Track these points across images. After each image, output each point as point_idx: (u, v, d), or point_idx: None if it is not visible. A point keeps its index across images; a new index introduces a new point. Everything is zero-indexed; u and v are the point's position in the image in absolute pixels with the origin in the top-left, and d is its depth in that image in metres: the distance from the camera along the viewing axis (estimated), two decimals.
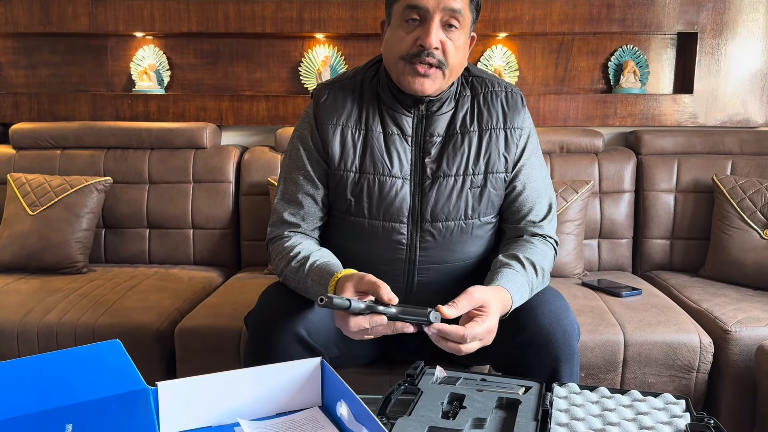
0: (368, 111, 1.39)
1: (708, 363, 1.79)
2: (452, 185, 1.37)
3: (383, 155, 1.37)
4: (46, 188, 2.35)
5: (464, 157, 1.37)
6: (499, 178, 1.40)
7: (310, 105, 1.44)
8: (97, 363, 0.91)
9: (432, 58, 1.28)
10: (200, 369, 1.75)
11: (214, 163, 2.50)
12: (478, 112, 1.39)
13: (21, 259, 2.27)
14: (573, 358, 1.31)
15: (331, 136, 1.38)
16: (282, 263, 1.37)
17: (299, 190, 1.41)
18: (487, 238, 1.45)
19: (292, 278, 1.34)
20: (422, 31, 1.27)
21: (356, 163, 1.38)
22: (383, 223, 1.38)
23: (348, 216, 1.40)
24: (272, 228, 1.44)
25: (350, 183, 1.38)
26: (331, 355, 1.38)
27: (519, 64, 2.62)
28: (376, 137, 1.37)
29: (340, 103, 1.39)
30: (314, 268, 1.29)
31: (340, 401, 0.95)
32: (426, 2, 1.26)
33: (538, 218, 1.43)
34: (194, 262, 2.50)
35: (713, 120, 2.55)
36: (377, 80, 1.41)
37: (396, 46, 1.30)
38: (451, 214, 1.38)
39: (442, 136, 1.38)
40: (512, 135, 1.40)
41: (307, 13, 2.52)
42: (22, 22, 2.60)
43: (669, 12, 2.48)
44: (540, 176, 1.45)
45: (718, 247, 2.25)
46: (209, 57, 2.69)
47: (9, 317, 1.89)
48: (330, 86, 1.42)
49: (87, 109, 2.64)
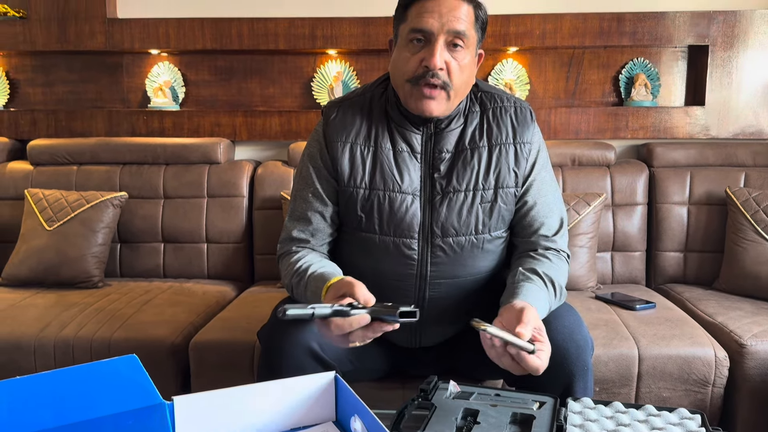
0: (377, 128, 1.40)
1: (723, 377, 1.77)
2: (462, 200, 1.38)
3: (393, 171, 1.38)
4: (62, 203, 2.38)
5: (474, 172, 1.38)
6: (509, 192, 1.40)
7: (320, 123, 1.45)
8: (114, 378, 0.92)
9: (437, 78, 1.28)
10: (214, 383, 1.76)
11: (228, 178, 2.52)
12: (488, 128, 1.40)
13: (38, 273, 2.30)
14: (587, 373, 1.30)
15: (340, 154, 1.39)
16: (288, 277, 1.39)
17: (308, 207, 1.43)
18: (498, 253, 1.45)
19: (296, 291, 1.36)
20: (427, 52, 1.28)
21: (366, 179, 1.39)
22: (394, 238, 1.39)
23: (359, 232, 1.41)
24: (281, 244, 1.46)
25: (360, 199, 1.39)
26: (344, 369, 1.39)
27: (530, 77, 2.63)
28: (386, 154, 1.39)
29: (349, 121, 1.41)
30: (312, 277, 1.30)
31: (354, 416, 0.95)
32: (430, 25, 1.27)
33: (551, 232, 1.44)
34: (208, 276, 2.52)
35: (725, 132, 2.54)
36: (386, 97, 1.43)
37: (402, 67, 1.32)
38: (461, 229, 1.39)
39: (452, 152, 1.39)
40: (522, 150, 1.40)
41: (320, 29, 2.55)
42: (40, 41, 2.65)
43: (679, 25, 2.49)
44: (550, 191, 1.45)
45: (732, 259, 2.24)
46: (223, 73, 2.72)
47: (27, 331, 1.91)
48: (339, 104, 1.44)
49: (103, 126, 2.68)
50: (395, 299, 1.27)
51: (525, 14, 2.51)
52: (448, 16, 1.26)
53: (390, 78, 1.41)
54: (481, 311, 1.47)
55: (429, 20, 1.27)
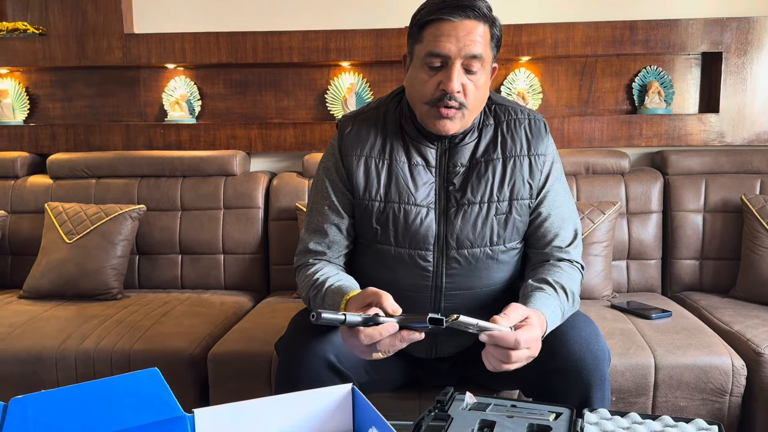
0: (392, 142, 1.42)
1: (741, 386, 1.76)
2: (477, 212, 1.39)
3: (408, 184, 1.39)
4: (82, 217, 2.42)
5: (489, 184, 1.39)
6: (523, 204, 1.41)
7: (335, 137, 1.47)
8: (136, 391, 0.94)
9: (454, 101, 1.30)
10: (232, 393, 1.79)
11: (244, 190, 2.55)
12: (502, 140, 1.41)
13: (59, 286, 2.33)
14: (604, 383, 1.31)
15: (355, 167, 1.41)
16: (305, 290, 1.41)
17: (325, 220, 1.45)
18: (513, 264, 1.46)
19: (314, 303, 1.37)
20: (444, 76, 1.30)
21: (381, 192, 1.40)
22: (409, 250, 1.40)
23: (374, 244, 1.43)
24: (298, 256, 1.48)
25: (375, 212, 1.41)
26: (361, 381, 1.40)
27: (542, 86, 2.64)
28: (401, 167, 1.40)
29: (364, 135, 1.42)
30: (330, 291, 1.32)
31: (372, 428, 0.97)
32: (447, 50, 1.28)
33: (565, 243, 1.44)
34: (225, 286, 2.55)
35: (740, 139, 2.53)
36: (400, 111, 1.44)
37: (420, 89, 1.33)
38: (476, 241, 1.40)
39: (466, 165, 1.40)
40: (536, 162, 1.41)
41: (333, 42, 2.58)
42: (59, 57, 2.70)
43: (693, 32, 2.49)
44: (564, 202, 1.46)
45: (748, 267, 2.23)
46: (238, 87, 2.75)
47: (48, 344, 1.94)
48: (354, 118, 1.46)
49: (121, 139, 2.72)
50: (411, 310, 1.28)
51: (537, 23, 2.52)
52: (465, 40, 1.27)
53: (405, 93, 1.42)
54: None
55: (446, 45, 1.28)
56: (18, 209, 2.62)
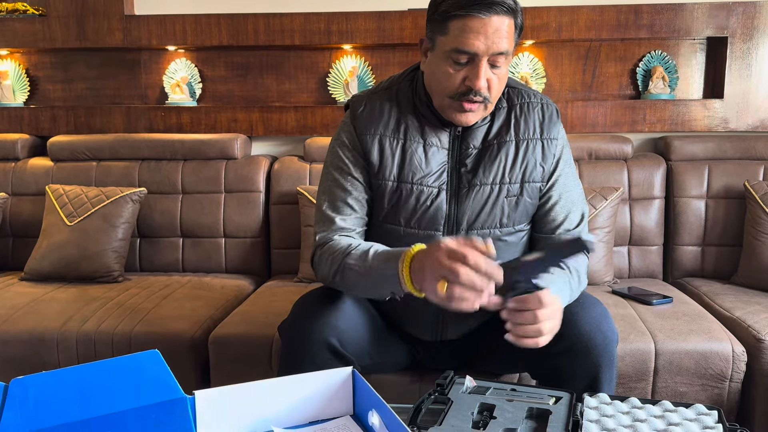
0: (406, 121, 1.41)
1: (741, 372, 1.77)
2: (488, 194, 1.39)
3: (421, 165, 1.39)
4: (83, 199, 2.41)
5: (501, 166, 1.39)
6: (535, 187, 1.42)
7: (347, 116, 1.45)
8: (137, 372, 0.94)
9: (479, 96, 1.30)
10: (233, 376, 1.80)
11: (245, 173, 2.55)
12: (515, 123, 1.41)
13: (59, 268, 2.33)
14: (612, 364, 1.32)
15: (370, 146, 1.40)
16: (338, 259, 1.33)
17: (348, 195, 1.42)
18: (520, 246, 1.47)
19: (353, 265, 1.30)
20: (470, 73, 1.28)
21: (394, 172, 1.40)
22: (419, 231, 1.40)
23: (384, 224, 1.43)
24: (323, 233, 1.42)
25: (388, 192, 1.40)
26: (363, 364, 1.40)
27: (546, 71, 2.62)
28: (414, 147, 1.39)
29: (377, 114, 1.41)
30: (378, 253, 1.27)
31: (372, 410, 0.97)
32: (476, 48, 1.26)
33: (572, 226, 1.45)
34: (226, 270, 2.55)
35: (744, 125, 2.52)
36: (413, 91, 1.43)
37: (444, 82, 1.32)
38: (486, 222, 1.40)
39: (479, 147, 1.40)
40: (549, 146, 1.42)
41: (335, 24, 2.56)
42: (59, 38, 2.68)
43: (698, 17, 2.46)
44: (573, 186, 1.47)
45: (750, 253, 2.22)
46: (239, 69, 2.74)
47: (49, 326, 1.94)
48: (366, 97, 1.44)
49: (122, 122, 2.71)
50: None
51: (541, 7, 2.50)
52: (493, 38, 1.26)
53: (423, 78, 1.40)
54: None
55: (474, 43, 1.25)
56: (19, 191, 2.62)
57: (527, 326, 1.14)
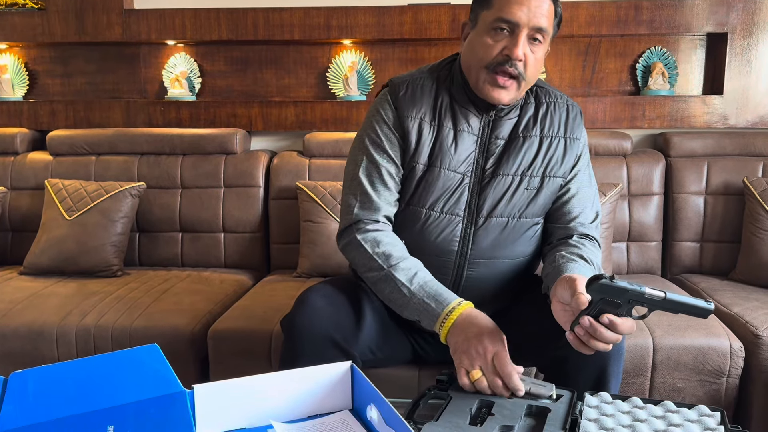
0: (442, 108, 1.44)
1: (739, 368, 1.77)
2: (509, 184, 1.43)
3: (450, 151, 1.41)
4: (82, 194, 2.41)
5: (524, 159, 1.43)
6: (555, 182, 1.45)
7: (385, 98, 1.46)
8: (136, 366, 0.95)
9: (514, 69, 1.33)
10: (232, 370, 1.80)
11: (244, 168, 2.54)
12: (542, 119, 1.45)
13: (59, 263, 2.33)
14: (621, 357, 1.33)
15: (410, 128, 1.42)
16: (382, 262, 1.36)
17: (385, 171, 1.43)
18: (535, 239, 1.49)
19: (397, 282, 1.33)
20: (510, 42, 1.33)
21: (426, 156, 1.42)
22: (440, 215, 1.43)
23: (409, 206, 1.45)
24: (362, 211, 1.42)
25: (418, 175, 1.43)
26: (365, 359, 1.41)
27: (546, 66, 2.62)
28: (446, 133, 1.42)
29: (418, 98, 1.44)
30: (426, 284, 1.32)
31: (371, 405, 0.97)
32: (518, 17, 1.31)
33: (588, 221, 1.48)
34: (225, 265, 2.55)
35: (744, 121, 2.52)
36: (450, 78, 1.46)
37: (482, 53, 1.35)
38: (506, 212, 1.43)
39: (506, 138, 1.44)
40: (571, 144, 1.46)
41: (335, 19, 2.55)
42: (59, 33, 2.67)
43: (698, 13, 2.46)
44: (591, 184, 1.51)
45: (749, 250, 2.22)
46: (239, 64, 2.73)
47: (48, 320, 1.95)
48: (407, 81, 1.46)
49: (121, 116, 2.71)
50: (433, 275, 1.34)
51: None
52: (535, 11, 1.31)
53: (456, 60, 1.45)
54: (510, 300, 1.50)
55: (517, 12, 1.30)
56: (18, 186, 2.62)
57: (606, 333, 1.09)
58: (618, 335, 1.10)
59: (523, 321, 1.36)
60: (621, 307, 1.07)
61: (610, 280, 1.06)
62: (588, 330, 1.09)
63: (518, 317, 1.41)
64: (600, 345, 1.10)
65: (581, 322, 1.09)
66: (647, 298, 1.06)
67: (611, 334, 1.09)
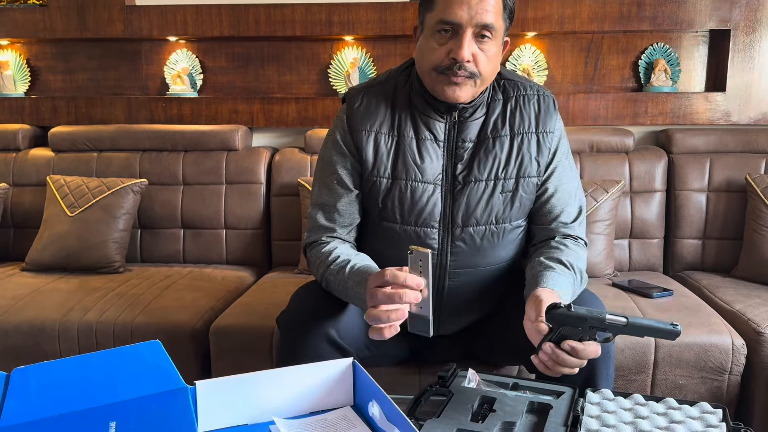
0: (401, 116, 1.39)
1: (740, 365, 1.77)
2: (483, 190, 1.38)
3: (415, 161, 1.37)
4: (83, 190, 2.41)
5: (496, 161, 1.38)
6: (531, 182, 1.40)
7: (343, 110, 1.44)
8: (138, 362, 0.95)
9: (464, 70, 1.28)
10: (234, 366, 1.80)
11: (246, 165, 2.54)
12: (510, 116, 1.39)
13: (60, 259, 2.34)
14: (609, 360, 1.31)
15: (364, 143, 1.38)
16: (321, 268, 1.37)
17: (334, 195, 1.42)
18: (517, 242, 1.46)
19: (333, 281, 1.33)
20: (454, 44, 1.27)
21: (389, 169, 1.38)
22: (415, 228, 1.39)
23: (381, 221, 1.42)
24: (309, 233, 1.45)
25: (383, 189, 1.39)
26: (361, 356, 1.40)
27: (548, 63, 2.61)
28: (408, 143, 1.38)
29: (373, 109, 1.39)
30: (354, 271, 1.28)
31: (372, 401, 0.97)
32: (459, 17, 1.25)
33: (569, 220, 1.44)
34: (227, 261, 2.55)
35: (746, 118, 2.51)
36: (410, 85, 1.41)
37: (429, 57, 1.31)
38: (482, 219, 1.39)
39: (474, 141, 1.39)
40: (544, 139, 1.40)
41: (336, 15, 2.55)
42: (60, 29, 2.67)
43: (701, 9, 2.45)
44: (570, 178, 1.45)
45: (751, 247, 2.22)
46: (240, 60, 2.73)
47: (50, 316, 1.95)
48: (363, 91, 1.42)
49: (122, 113, 2.71)
50: None
51: None
52: (477, 8, 1.25)
53: (415, 65, 1.39)
54: (498, 301, 1.48)
55: (458, 12, 1.25)
56: (20, 182, 2.62)
57: (567, 359, 1.09)
58: (582, 360, 1.09)
59: (510, 320, 1.33)
60: (583, 333, 1.07)
61: (567, 309, 1.06)
62: (551, 356, 1.09)
63: (506, 317, 1.40)
64: (564, 369, 1.10)
65: (543, 348, 1.09)
66: (608, 324, 1.06)
67: (574, 360, 1.09)
